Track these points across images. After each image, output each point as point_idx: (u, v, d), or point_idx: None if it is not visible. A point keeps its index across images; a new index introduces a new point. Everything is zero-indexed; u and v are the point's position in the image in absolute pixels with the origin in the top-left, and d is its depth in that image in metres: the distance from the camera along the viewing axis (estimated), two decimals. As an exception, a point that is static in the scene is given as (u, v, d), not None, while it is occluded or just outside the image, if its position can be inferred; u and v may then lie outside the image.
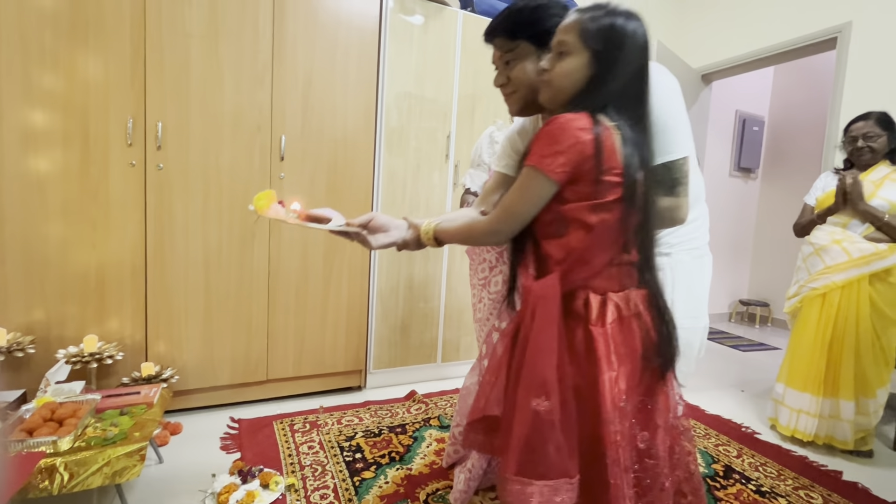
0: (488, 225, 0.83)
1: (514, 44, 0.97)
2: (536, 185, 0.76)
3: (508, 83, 1.01)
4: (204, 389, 1.93)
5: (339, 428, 1.86)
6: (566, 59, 0.78)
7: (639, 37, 0.77)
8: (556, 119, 0.74)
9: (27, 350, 1.56)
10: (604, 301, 0.77)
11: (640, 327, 0.78)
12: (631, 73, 0.77)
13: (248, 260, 1.94)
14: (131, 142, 1.71)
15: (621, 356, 0.75)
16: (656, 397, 0.79)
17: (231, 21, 1.81)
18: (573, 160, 0.72)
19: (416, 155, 2.27)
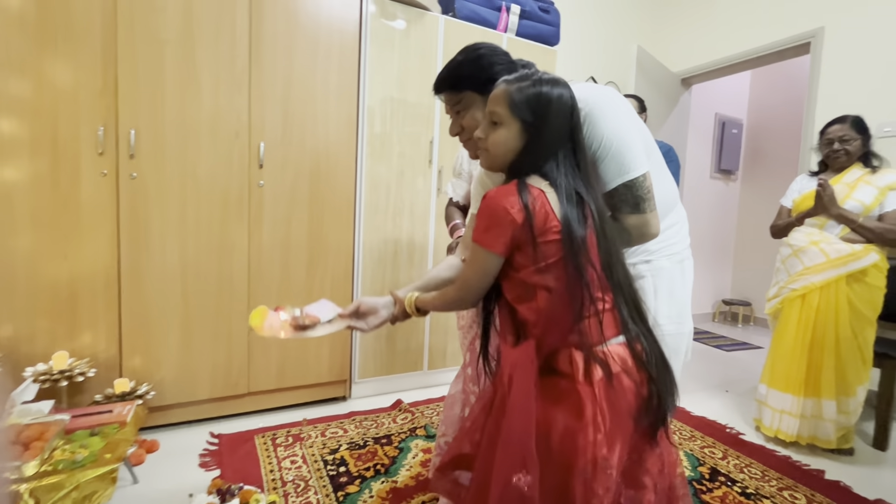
0: (454, 294, 0.88)
1: (460, 95, 1.01)
2: (482, 258, 0.81)
3: (463, 131, 1.04)
4: (182, 404, 1.87)
5: (322, 441, 1.82)
6: (499, 130, 0.82)
7: (564, 101, 0.80)
8: (488, 197, 0.79)
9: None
10: (588, 358, 0.75)
11: (630, 384, 0.77)
12: (561, 134, 0.80)
13: (228, 269, 1.89)
14: (102, 150, 1.66)
15: (609, 416, 0.73)
16: (645, 454, 0.78)
17: (207, 26, 1.77)
18: (506, 233, 0.77)
19: (399, 161, 2.25)
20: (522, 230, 0.76)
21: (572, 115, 0.82)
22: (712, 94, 4.26)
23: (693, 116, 4.05)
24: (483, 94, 0.99)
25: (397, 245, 2.29)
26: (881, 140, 2.38)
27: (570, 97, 0.82)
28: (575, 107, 0.82)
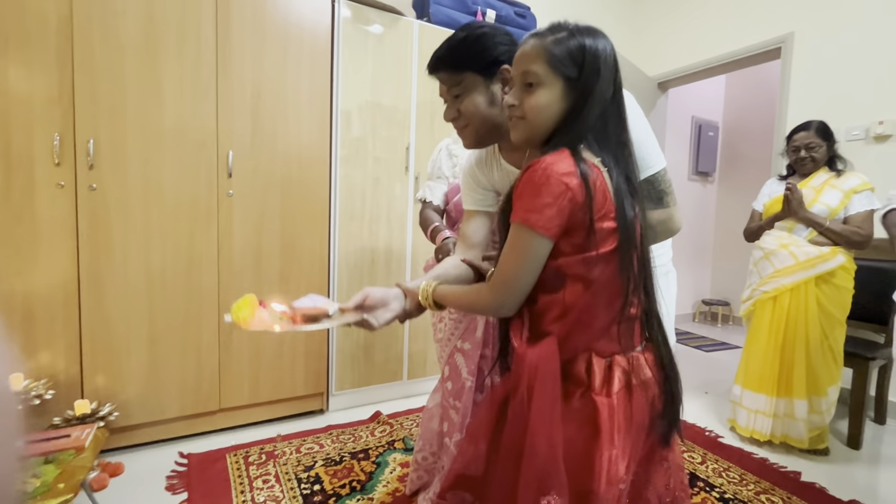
0: (492, 298, 0.72)
1: (461, 76, 0.94)
2: (529, 244, 0.66)
3: (459, 117, 0.97)
4: (149, 424, 1.80)
5: (297, 457, 1.77)
6: (537, 92, 0.69)
7: (609, 55, 0.69)
8: (537, 165, 0.65)
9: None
10: (609, 366, 0.68)
11: (647, 397, 0.70)
12: (609, 97, 0.69)
13: (196, 282, 1.83)
14: (59, 161, 1.59)
15: (623, 430, 0.67)
16: (652, 467, 0.74)
17: (170, 32, 1.71)
18: (564, 211, 0.64)
19: (375, 167, 2.22)
20: (582, 210, 0.64)
21: (618, 71, 0.70)
22: (689, 98, 4.32)
23: (670, 120, 4.10)
24: (486, 77, 0.93)
25: (374, 253, 2.25)
26: (848, 143, 2.43)
27: (613, 50, 0.70)
28: (618, 62, 0.71)
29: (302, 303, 0.84)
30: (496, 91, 0.95)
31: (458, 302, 0.81)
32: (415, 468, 1.55)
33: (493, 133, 1.00)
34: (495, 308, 0.73)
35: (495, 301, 0.71)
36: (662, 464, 0.75)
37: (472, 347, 1.34)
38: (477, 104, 0.95)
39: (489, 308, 0.74)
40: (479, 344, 1.33)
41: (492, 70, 0.94)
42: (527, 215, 0.65)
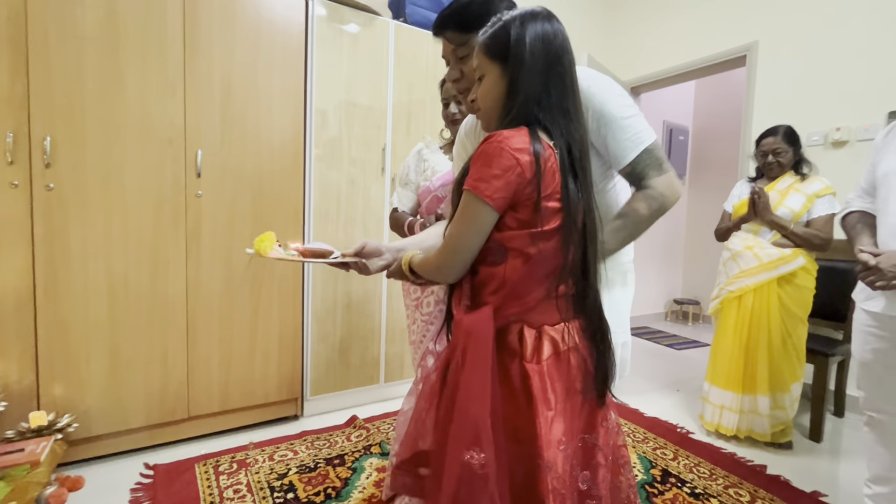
0: (438, 258, 0.77)
1: (466, 37, 0.95)
2: (476, 211, 0.70)
3: (462, 78, 0.99)
4: (112, 434, 1.71)
5: (270, 465, 1.72)
6: (483, 81, 0.77)
7: (541, 32, 0.73)
8: (493, 137, 0.69)
9: None
10: (539, 335, 0.72)
11: (577, 360, 0.75)
12: (544, 70, 0.72)
13: (162, 286, 1.76)
14: (12, 159, 1.50)
15: (559, 394, 0.71)
16: (596, 431, 0.76)
17: (133, 23, 1.64)
18: (511, 185, 0.68)
19: (350, 167, 2.18)
20: (529, 186, 0.68)
21: (552, 46, 0.73)
22: (660, 103, 4.43)
23: (642, 123, 4.19)
24: None
25: (350, 255, 2.21)
26: (808, 149, 2.54)
27: (548, 30, 0.73)
28: (556, 39, 0.74)
29: (312, 245, 0.97)
30: None
31: (424, 268, 0.83)
32: (392, 472, 1.53)
33: None
34: (438, 269, 0.77)
35: (439, 263, 0.77)
36: (604, 424, 0.79)
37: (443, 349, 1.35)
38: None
39: (433, 270, 0.79)
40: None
41: None
42: (476, 183, 0.69)
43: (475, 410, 0.67)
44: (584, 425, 0.75)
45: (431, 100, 2.35)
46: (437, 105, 2.33)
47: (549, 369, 0.71)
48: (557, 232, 0.71)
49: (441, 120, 1.52)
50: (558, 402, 0.70)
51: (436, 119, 2.35)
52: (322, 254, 0.94)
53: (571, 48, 0.76)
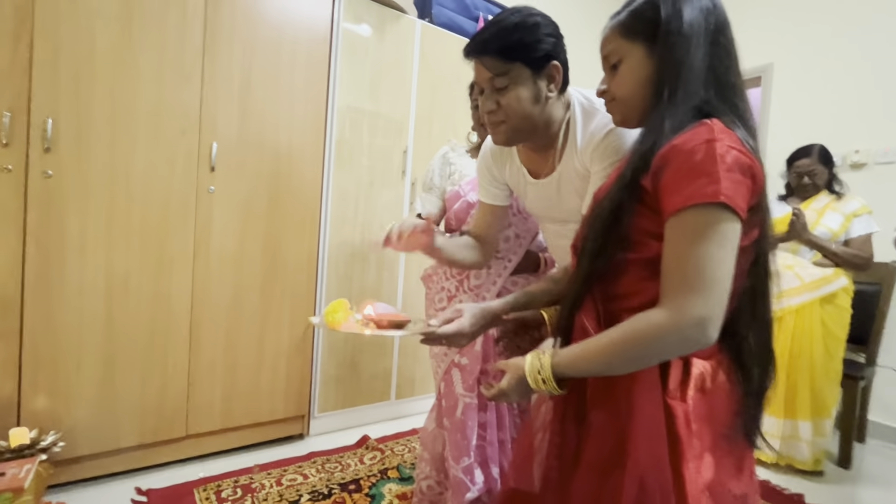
0: (685, 317, 0.53)
1: (508, 66, 0.84)
2: (727, 229, 0.54)
3: (498, 110, 0.87)
4: (101, 454, 1.52)
5: (279, 490, 1.55)
6: (621, 68, 0.67)
7: (697, 2, 0.62)
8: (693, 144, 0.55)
9: None
10: (686, 367, 0.59)
11: (725, 400, 0.62)
12: (706, 44, 0.61)
13: (165, 289, 1.60)
14: (7, 141, 1.34)
15: (704, 438, 0.58)
16: (743, 482, 0.64)
17: (151, 1, 1.51)
18: (749, 191, 0.56)
19: (369, 171, 2.07)
20: (759, 193, 0.57)
21: (716, 18, 0.62)
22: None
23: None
24: (534, 71, 0.84)
25: (365, 261, 2.08)
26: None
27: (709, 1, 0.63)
28: (719, 10, 0.63)
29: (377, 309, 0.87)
30: (542, 88, 0.88)
31: (606, 355, 0.58)
32: (419, 499, 1.39)
33: (527, 133, 0.92)
34: (695, 327, 0.53)
35: (691, 319, 0.53)
36: (751, 475, 0.67)
37: (470, 362, 1.25)
38: (521, 99, 0.86)
39: (681, 333, 0.53)
40: (479, 358, 1.24)
41: (542, 64, 0.86)
42: (716, 191, 0.53)
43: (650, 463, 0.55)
44: (730, 476, 0.63)
45: (456, 103, 2.26)
46: (461, 108, 2.25)
47: (695, 407, 0.58)
48: (747, 251, 0.59)
49: (466, 123, 1.43)
50: (703, 449, 0.58)
51: (459, 123, 2.27)
52: (399, 323, 0.84)
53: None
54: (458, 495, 1.20)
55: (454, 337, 0.82)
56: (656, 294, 0.57)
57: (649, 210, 0.59)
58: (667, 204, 0.56)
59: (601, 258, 0.62)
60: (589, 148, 0.89)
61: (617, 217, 0.61)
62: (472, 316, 0.83)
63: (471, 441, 1.23)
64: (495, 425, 1.27)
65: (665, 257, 0.57)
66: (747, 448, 0.65)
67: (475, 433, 1.24)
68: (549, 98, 0.88)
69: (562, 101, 0.92)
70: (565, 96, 0.93)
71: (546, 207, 1.03)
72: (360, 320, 0.83)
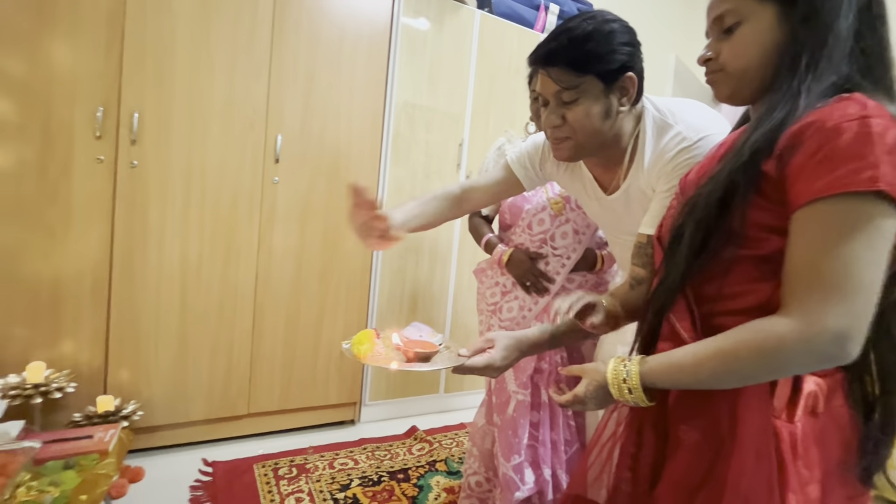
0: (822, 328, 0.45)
1: (579, 79, 0.77)
2: (885, 225, 0.45)
3: (563, 125, 0.81)
4: (173, 426, 1.65)
5: (331, 473, 1.60)
6: (739, 31, 0.56)
7: None
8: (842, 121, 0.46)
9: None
10: (796, 384, 0.52)
11: (839, 428, 0.54)
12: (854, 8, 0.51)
13: (233, 276, 1.69)
14: (101, 134, 1.46)
15: (812, 468, 0.51)
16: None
17: (226, 2, 1.59)
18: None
19: (425, 163, 2.07)
20: None
21: None
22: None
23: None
24: (607, 85, 0.77)
25: (419, 254, 2.09)
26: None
27: None
28: None
29: (409, 333, 0.82)
30: (613, 103, 0.80)
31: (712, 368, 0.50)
32: (467, 494, 1.39)
33: (593, 150, 0.85)
34: (831, 342, 0.45)
35: (827, 331, 0.45)
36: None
37: (523, 359, 1.21)
38: (591, 115, 0.79)
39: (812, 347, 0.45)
40: (532, 356, 1.19)
41: (616, 76, 0.78)
42: (873, 177, 0.43)
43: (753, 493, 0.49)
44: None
45: (514, 93, 2.21)
46: (519, 99, 2.19)
47: (803, 431, 0.51)
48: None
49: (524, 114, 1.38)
50: (814, 476, 0.51)
51: (518, 114, 2.21)
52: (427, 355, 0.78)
53: None
54: (508, 493, 1.19)
55: (485, 370, 0.78)
56: (767, 297, 0.50)
57: (768, 199, 0.50)
58: (798, 191, 0.47)
59: (703, 254, 0.53)
60: (657, 166, 0.81)
61: (726, 206, 0.51)
62: (504, 348, 0.78)
63: (522, 439, 1.21)
64: (548, 425, 1.24)
65: (793, 255, 0.48)
66: (864, 489, 0.56)
67: (527, 432, 1.22)
68: (621, 113, 0.81)
69: (633, 114, 0.84)
70: (637, 108, 0.85)
71: (613, 221, 0.97)
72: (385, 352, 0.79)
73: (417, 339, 0.78)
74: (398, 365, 0.74)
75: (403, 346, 0.77)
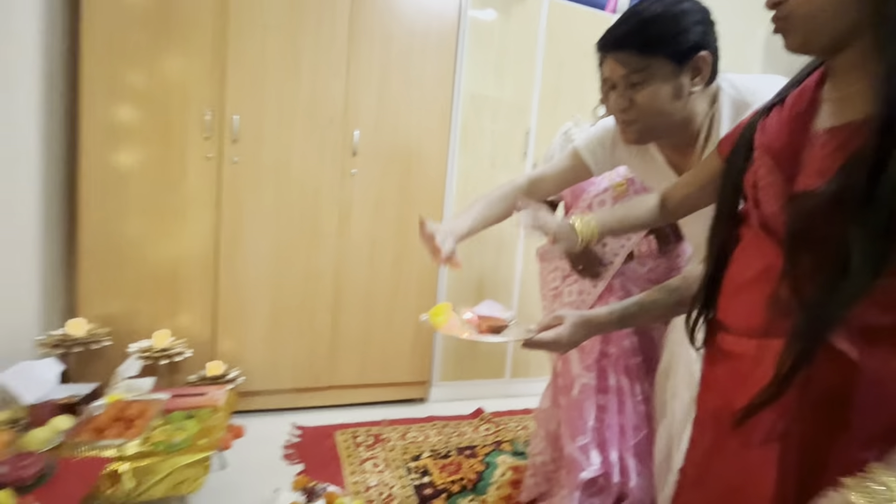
0: None
1: (648, 61, 0.77)
2: None
3: (631, 108, 0.81)
4: (267, 392, 1.86)
5: (403, 445, 1.72)
6: None
7: None
8: None
9: (102, 342, 1.55)
10: None
11: None
12: None
13: (315, 259, 1.86)
14: (208, 135, 1.68)
15: None
16: None
17: (310, 10, 1.74)
18: None
19: (491, 153, 2.11)
20: None
21: None
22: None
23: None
24: (677, 65, 0.77)
25: (485, 242, 2.14)
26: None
27: None
28: None
29: (481, 309, 0.85)
30: (684, 83, 0.79)
31: None
32: (532, 472, 1.43)
33: (662, 132, 0.85)
34: None
35: None
36: None
37: (588, 343, 1.20)
38: (660, 97, 0.79)
39: None
40: (598, 339, 1.21)
41: (687, 56, 0.77)
42: None
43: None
44: None
45: (582, 78, 2.17)
46: (588, 83, 2.15)
47: None
48: None
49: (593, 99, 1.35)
50: None
51: (586, 98, 2.17)
52: (499, 327, 0.81)
53: None
54: (573, 473, 1.20)
55: (552, 345, 0.79)
56: None
57: None
58: None
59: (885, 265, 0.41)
60: None
61: None
62: (571, 325, 0.78)
63: (587, 421, 1.21)
64: (615, 410, 1.24)
65: None
66: None
67: (592, 414, 1.22)
68: (693, 93, 0.80)
69: (707, 94, 0.83)
70: (712, 88, 0.83)
71: None
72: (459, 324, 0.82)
73: (489, 315, 0.82)
74: (469, 335, 0.79)
75: (476, 320, 0.82)
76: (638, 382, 1.25)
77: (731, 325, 0.56)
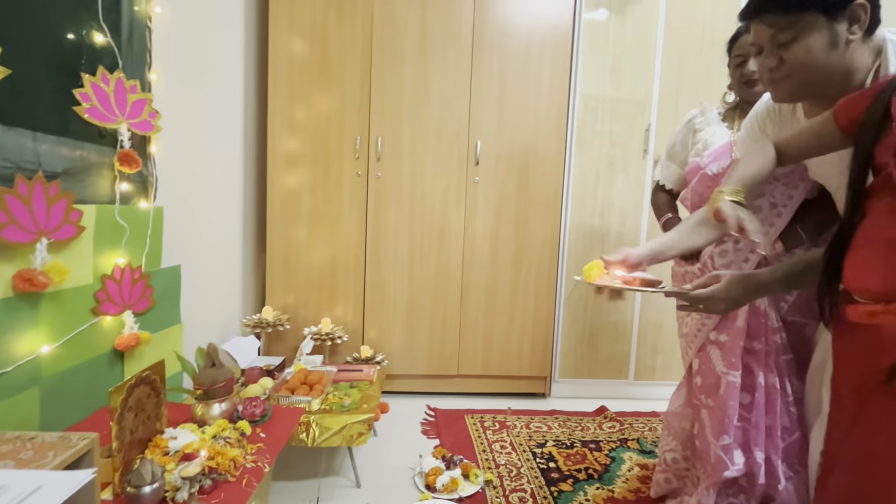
0: None
1: (797, 17, 0.78)
2: None
3: (781, 65, 0.82)
4: (405, 376, 2.12)
5: (527, 433, 1.82)
6: None
7: None
8: None
9: (285, 326, 1.95)
10: None
11: None
12: None
13: (445, 258, 2.08)
14: (358, 155, 2.01)
15: None
16: None
17: (438, 40, 1.98)
18: None
19: (609, 152, 2.13)
20: None
21: None
22: None
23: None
24: (830, 17, 0.76)
25: (604, 241, 2.16)
26: None
27: None
28: None
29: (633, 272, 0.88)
30: (840, 32, 0.77)
31: None
32: (662, 469, 1.41)
33: (817, 87, 0.82)
34: None
35: None
36: None
37: (729, 339, 1.17)
38: (812, 50, 0.78)
39: None
40: (741, 334, 1.15)
41: (840, 7, 0.76)
42: None
43: None
44: None
45: (707, 69, 2.08)
46: (714, 73, 2.05)
47: None
48: None
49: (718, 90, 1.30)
50: None
51: (711, 90, 2.07)
52: (651, 282, 0.83)
53: None
54: (716, 472, 1.17)
55: (708, 300, 0.79)
56: None
57: None
58: None
59: None
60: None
61: None
62: (728, 283, 0.79)
63: (731, 420, 1.17)
64: (763, 409, 1.17)
65: None
66: None
67: (736, 412, 1.18)
68: (851, 41, 0.77)
69: (869, 46, 0.79)
70: (874, 39, 0.79)
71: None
72: (618, 278, 0.85)
73: (640, 276, 0.85)
74: (622, 283, 0.82)
75: (629, 278, 0.84)
76: (788, 381, 1.18)
77: (863, 291, 0.58)
